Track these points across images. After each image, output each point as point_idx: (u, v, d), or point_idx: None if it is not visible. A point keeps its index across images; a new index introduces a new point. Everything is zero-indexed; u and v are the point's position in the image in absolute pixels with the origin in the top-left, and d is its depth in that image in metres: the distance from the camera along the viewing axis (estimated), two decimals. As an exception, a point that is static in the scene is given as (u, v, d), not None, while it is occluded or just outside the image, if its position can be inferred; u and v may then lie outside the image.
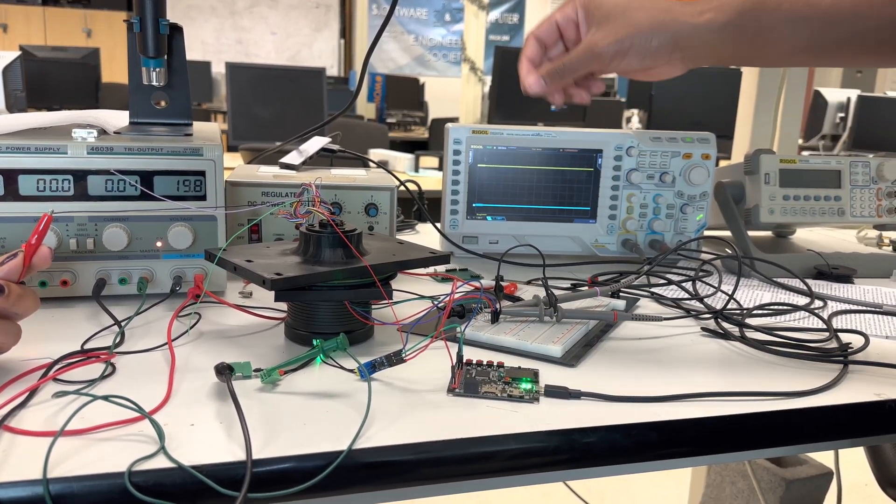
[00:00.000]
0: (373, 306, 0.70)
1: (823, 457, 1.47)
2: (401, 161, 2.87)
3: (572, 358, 0.65)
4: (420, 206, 1.13)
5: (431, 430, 0.51)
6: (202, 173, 0.75)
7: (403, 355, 0.58)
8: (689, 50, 0.64)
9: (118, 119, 0.88)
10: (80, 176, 0.72)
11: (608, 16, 0.64)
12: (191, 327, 0.69)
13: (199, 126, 0.88)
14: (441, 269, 0.95)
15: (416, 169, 2.92)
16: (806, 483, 1.37)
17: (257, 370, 0.58)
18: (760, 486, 1.36)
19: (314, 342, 0.63)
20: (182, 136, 0.79)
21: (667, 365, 0.65)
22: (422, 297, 0.75)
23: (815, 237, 1.26)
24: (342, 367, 0.60)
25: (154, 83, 0.83)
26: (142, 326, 0.69)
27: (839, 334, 0.74)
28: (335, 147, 1.04)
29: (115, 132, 0.80)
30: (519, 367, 0.62)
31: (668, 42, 0.63)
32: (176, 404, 0.53)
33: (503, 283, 0.80)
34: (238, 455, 0.46)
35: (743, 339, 0.72)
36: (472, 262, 1.00)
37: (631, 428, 0.53)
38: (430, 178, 2.66)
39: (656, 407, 0.56)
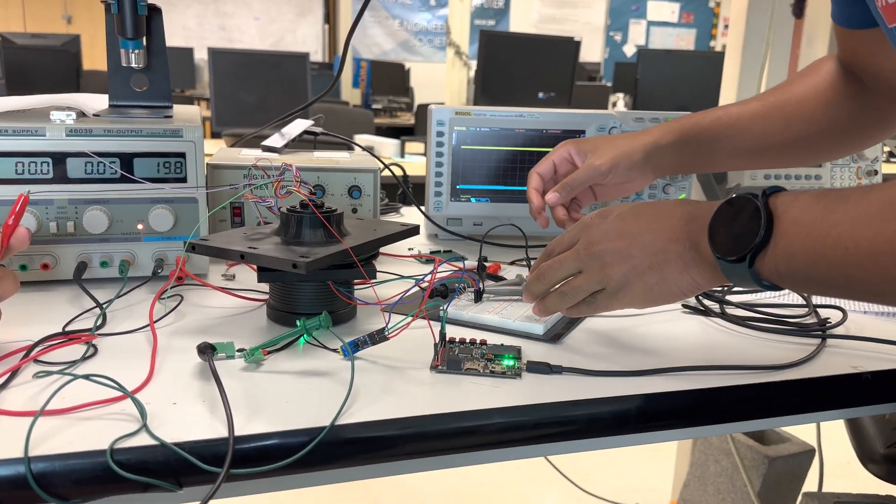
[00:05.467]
0: (356, 287, 0.70)
1: (806, 435, 1.49)
2: (386, 147, 2.86)
3: (554, 335, 0.66)
4: (404, 189, 1.13)
5: (414, 406, 0.51)
6: (182, 155, 0.74)
7: (386, 333, 0.58)
8: (655, 160, 0.81)
9: (97, 102, 0.87)
10: (59, 158, 0.71)
11: (597, 147, 0.82)
12: (172, 309, 0.69)
13: (179, 109, 0.87)
14: (425, 250, 0.95)
15: (402, 154, 2.91)
16: (788, 460, 1.39)
17: (240, 350, 0.58)
18: (744, 463, 1.38)
19: (297, 322, 0.63)
20: (162, 118, 0.78)
21: (648, 341, 0.66)
22: (403, 277, 0.75)
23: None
24: (325, 347, 0.60)
25: (133, 65, 0.82)
26: (124, 309, 0.68)
27: (818, 310, 0.75)
28: (318, 129, 1.04)
29: (94, 115, 0.80)
30: (501, 345, 0.62)
31: (643, 156, 0.80)
32: (158, 384, 0.53)
33: (486, 264, 0.80)
34: (221, 432, 0.46)
35: (723, 316, 0.72)
36: (457, 244, 1.01)
37: (612, 401, 0.54)
38: (415, 163, 2.65)
39: (637, 381, 0.57)
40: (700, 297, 0.76)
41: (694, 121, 0.82)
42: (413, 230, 0.74)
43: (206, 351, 0.55)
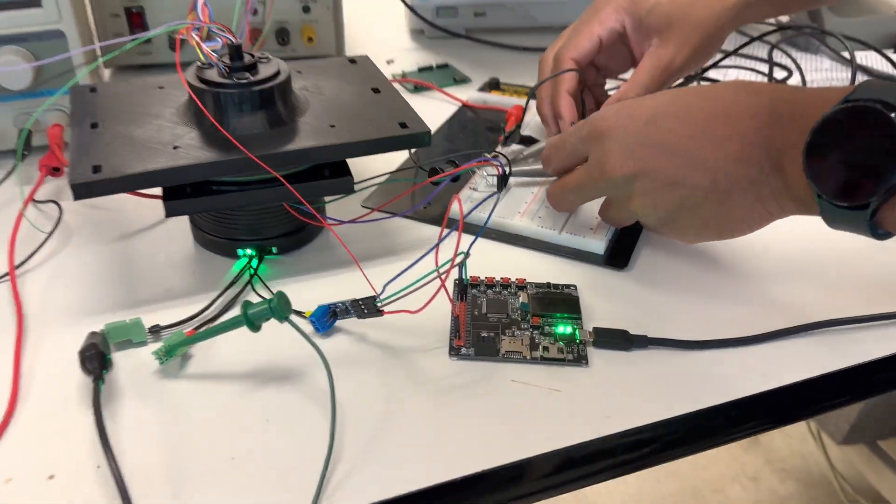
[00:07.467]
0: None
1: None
2: None
3: (620, 253, 0.45)
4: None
5: (434, 463, 0.32)
6: (22, -33, 0.46)
7: (379, 304, 0.37)
8: (744, 20, 0.53)
9: None
10: None
11: (669, 21, 0.49)
12: (39, 246, 0.45)
13: None
14: (407, 56, 0.70)
15: None
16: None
17: (153, 329, 0.37)
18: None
19: (238, 252, 0.42)
20: None
21: (769, 256, 0.45)
22: (396, 215, 0.52)
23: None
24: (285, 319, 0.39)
25: None
26: (-25, 230, 0.45)
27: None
28: None
29: None
30: (548, 288, 0.41)
31: (732, 24, 0.51)
32: (22, 431, 0.33)
33: (507, 109, 0.56)
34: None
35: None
36: (452, 46, 0.74)
37: (733, 407, 0.36)
38: None
39: (759, 350, 0.38)
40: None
41: None
42: (417, 137, 0.42)
43: (93, 362, 0.34)
